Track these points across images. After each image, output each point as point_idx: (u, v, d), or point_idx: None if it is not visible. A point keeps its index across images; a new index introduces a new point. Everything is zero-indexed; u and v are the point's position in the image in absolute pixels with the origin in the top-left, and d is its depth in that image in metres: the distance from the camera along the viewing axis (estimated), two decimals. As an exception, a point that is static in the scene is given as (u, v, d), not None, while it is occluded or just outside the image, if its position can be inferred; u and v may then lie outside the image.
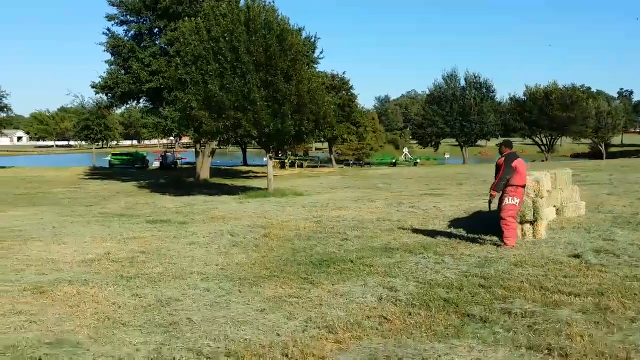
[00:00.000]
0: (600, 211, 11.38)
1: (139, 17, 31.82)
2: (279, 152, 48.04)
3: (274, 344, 4.50)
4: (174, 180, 34.21)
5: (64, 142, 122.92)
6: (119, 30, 32.63)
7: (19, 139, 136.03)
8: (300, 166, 53.39)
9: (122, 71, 31.94)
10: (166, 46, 30.74)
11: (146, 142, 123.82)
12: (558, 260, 7.16)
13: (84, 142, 79.19)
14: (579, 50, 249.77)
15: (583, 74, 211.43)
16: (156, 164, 53.75)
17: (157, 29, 32.05)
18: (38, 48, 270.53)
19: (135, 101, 35.34)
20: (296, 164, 53.33)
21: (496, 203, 8.59)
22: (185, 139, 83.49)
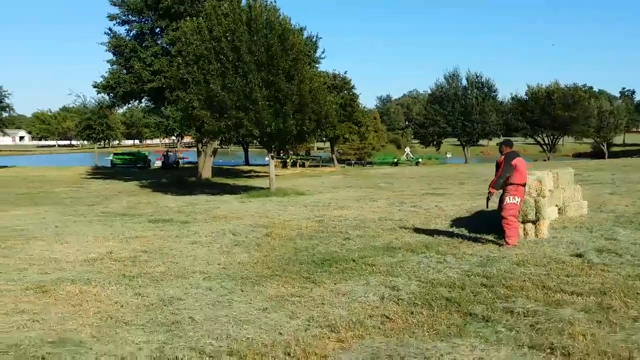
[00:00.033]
0: (603, 211, 11.36)
1: (141, 17, 31.89)
2: (280, 151, 48.13)
3: (277, 343, 4.50)
4: (176, 179, 34.27)
5: (66, 142, 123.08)
6: (120, 30, 32.86)
7: (21, 138, 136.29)
8: (302, 166, 53.44)
9: (124, 71, 32.03)
10: (168, 46, 30.81)
11: (148, 141, 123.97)
12: (560, 259, 7.15)
13: (86, 142, 79.40)
14: (581, 50, 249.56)
15: (585, 73, 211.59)
16: (158, 163, 53.83)
17: (158, 28, 32.10)
18: (40, 48, 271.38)
19: (137, 101, 35.44)
20: (298, 164, 53.37)
21: (496, 202, 8.58)
22: (187, 139, 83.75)
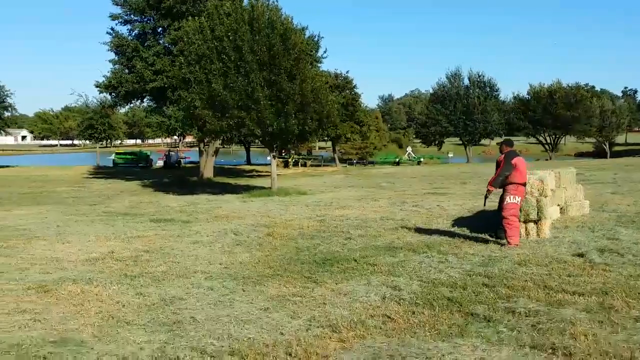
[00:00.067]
0: (605, 210, 11.35)
1: (143, 17, 31.90)
2: (282, 151, 48.16)
3: (278, 342, 4.50)
4: (178, 179, 34.29)
5: (68, 142, 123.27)
6: (122, 30, 32.80)
7: (23, 138, 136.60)
8: (304, 165, 53.45)
9: (126, 70, 32.04)
10: (170, 45, 30.81)
11: (150, 141, 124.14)
12: (562, 259, 7.14)
13: (88, 142, 79.49)
14: (583, 49, 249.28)
15: (587, 73, 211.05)
16: (160, 163, 53.94)
17: (161, 28, 32.11)
18: (40, 48, 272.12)
19: (139, 100, 35.46)
20: (300, 163, 53.38)
21: (495, 201, 8.57)
22: (189, 138, 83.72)
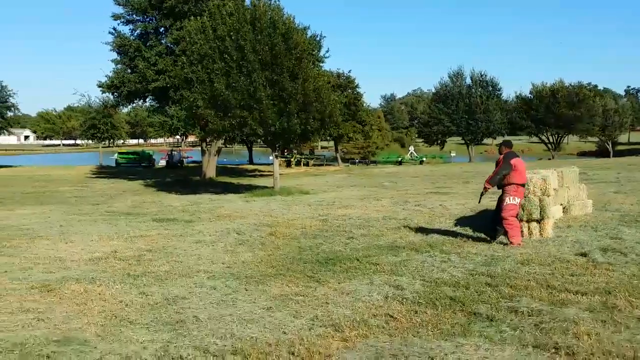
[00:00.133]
0: (608, 209, 11.32)
1: (145, 17, 31.90)
2: (285, 150, 48.17)
3: (281, 342, 4.51)
4: (180, 179, 34.32)
5: (71, 141, 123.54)
6: (125, 30, 32.80)
7: (26, 138, 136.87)
8: (306, 165, 53.40)
9: (129, 70, 32.05)
10: (172, 45, 30.82)
11: (152, 140, 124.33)
12: (565, 258, 7.14)
13: (90, 141, 79.71)
14: (586, 49, 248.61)
15: (590, 72, 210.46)
16: (162, 162, 54.03)
17: (163, 28, 32.11)
18: (43, 48, 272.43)
19: (141, 100, 35.46)
20: (302, 163, 53.35)
21: (491, 199, 8.58)
22: (192, 138, 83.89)
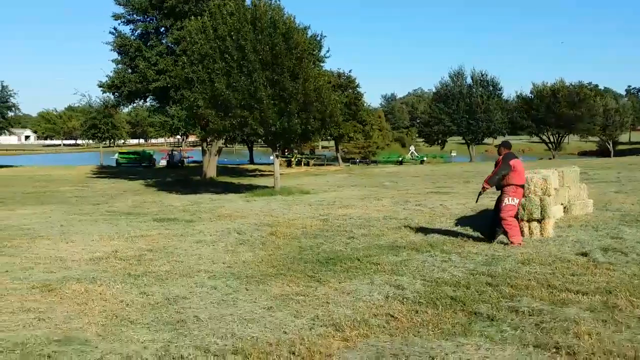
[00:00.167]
0: (608, 209, 11.31)
1: (146, 16, 31.92)
2: (285, 150, 48.16)
3: (281, 341, 4.51)
4: (181, 178, 34.33)
5: (72, 141, 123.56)
6: (125, 30, 32.82)
7: (26, 138, 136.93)
8: (307, 164, 53.40)
9: (129, 70, 32.08)
10: (173, 45, 30.84)
11: (153, 140, 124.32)
12: (565, 258, 7.13)
13: (91, 141, 79.68)
14: (586, 48, 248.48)
15: (590, 72, 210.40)
16: (163, 162, 54.05)
17: (163, 28, 32.13)
18: (43, 48, 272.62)
19: (142, 100, 35.49)
20: (302, 163, 53.34)
21: (493, 200, 8.58)
22: (192, 138, 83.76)
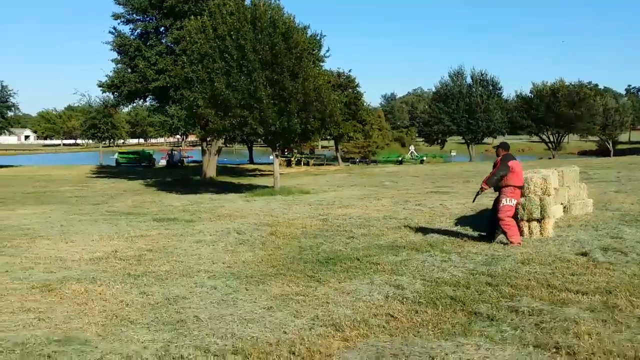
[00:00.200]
0: (608, 209, 11.30)
1: (145, 16, 31.91)
2: (285, 150, 48.17)
3: (281, 341, 4.51)
4: (181, 178, 34.33)
5: (71, 141, 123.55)
6: (125, 29, 32.81)
7: (26, 137, 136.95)
8: (307, 164, 53.42)
9: (129, 70, 32.06)
10: (172, 45, 30.82)
11: (153, 140, 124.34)
12: (565, 258, 7.13)
13: (91, 141, 79.73)
14: (586, 48, 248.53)
15: (590, 71, 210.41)
16: (163, 162, 54.06)
17: (163, 27, 32.11)
18: (43, 48, 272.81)
19: (141, 100, 35.48)
20: (302, 162, 53.36)
21: (492, 199, 8.58)
22: (192, 137, 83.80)
